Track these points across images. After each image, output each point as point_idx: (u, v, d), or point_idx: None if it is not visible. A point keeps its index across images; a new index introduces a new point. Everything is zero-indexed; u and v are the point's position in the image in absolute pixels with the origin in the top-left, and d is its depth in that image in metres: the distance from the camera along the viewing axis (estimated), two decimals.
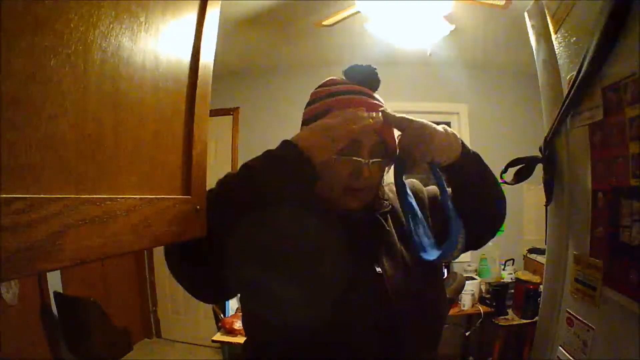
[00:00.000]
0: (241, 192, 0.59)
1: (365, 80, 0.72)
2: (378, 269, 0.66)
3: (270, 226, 0.63)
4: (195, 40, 0.60)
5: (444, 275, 0.77)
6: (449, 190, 0.74)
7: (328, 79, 0.77)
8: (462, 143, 0.70)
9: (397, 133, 0.71)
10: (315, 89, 0.76)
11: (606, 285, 0.69)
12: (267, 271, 0.62)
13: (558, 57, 0.88)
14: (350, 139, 0.62)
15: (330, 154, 0.60)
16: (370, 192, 0.71)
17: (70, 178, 0.38)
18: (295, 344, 0.61)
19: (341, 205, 0.69)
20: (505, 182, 0.96)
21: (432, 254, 0.66)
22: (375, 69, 0.73)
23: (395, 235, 0.73)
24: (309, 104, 0.74)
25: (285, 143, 0.61)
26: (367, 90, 0.71)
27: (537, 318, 1.02)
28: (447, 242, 0.65)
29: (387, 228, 0.72)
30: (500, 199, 0.75)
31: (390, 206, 0.75)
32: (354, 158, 0.66)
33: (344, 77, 0.75)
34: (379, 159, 0.68)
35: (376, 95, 0.73)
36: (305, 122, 0.73)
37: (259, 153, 0.63)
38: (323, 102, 0.71)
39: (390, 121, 0.67)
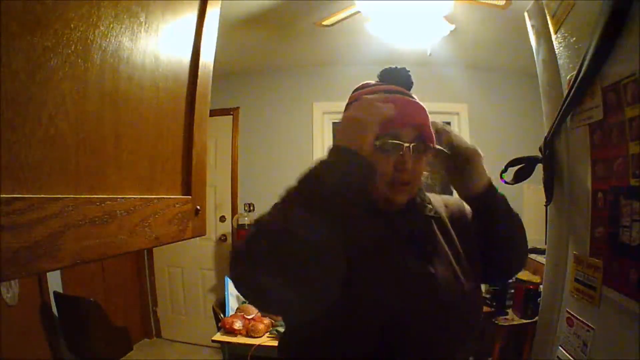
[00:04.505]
0: (307, 198, 0.56)
1: (399, 81, 0.75)
2: (431, 270, 0.68)
3: (337, 232, 0.58)
4: (195, 40, 0.60)
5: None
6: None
7: (364, 82, 0.79)
8: (491, 182, 0.76)
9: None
10: (353, 92, 0.78)
11: (606, 285, 0.69)
12: (332, 274, 0.58)
13: (558, 57, 0.88)
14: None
15: (369, 141, 0.59)
16: (414, 186, 0.72)
17: (70, 178, 0.38)
18: (344, 342, 0.62)
19: (388, 200, 0.70)
20: (506, 182, 0.96)
21: None
22: (408, 70, 0.77)
23: (440, 237, 0.75)
24: (347, 106, 0.76)
25: (331, 149, 0.60)
26: (403, 90, 0.74)
27: (537, 318, 1.02)
28: None
29: (434, 230, 0.75)
30: (521, 246, 0.80)
31: (434, 211, 0.77)
32: (395, 141, 0.67)
33: (377, 79, 0.78)
34: (419, 143, 0.69)
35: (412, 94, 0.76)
36: None
37: (259, 153, 0.63)
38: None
39: (440, 132, 0.74)
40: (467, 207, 0.82)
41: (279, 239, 0.53)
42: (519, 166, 0.97)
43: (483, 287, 2.71)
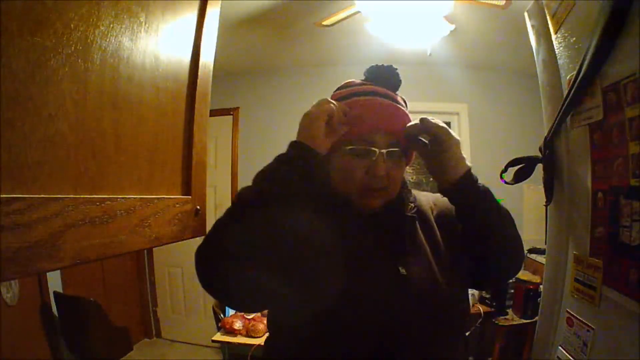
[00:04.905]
0: (257, 194, 0.60)
1: (384, 79, 0.73)
2: (402, 270, 0.65)
3: (294, 228, 0.63)
4: (195, 40, 0.60)
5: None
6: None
7: (346, 81, 0.77)
8: (470, 170, 0.69)
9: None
10: (334, 91, 0.77)
11: (606, 285, 0.69)
12: (290, 271, 0.61)
13: (558, 57, 0.87)
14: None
15: (318, 134, 0.62)
16: (389, 191, 0.70)
17: (70, 178, 0.38)
18: (316, 343, 0.61)
19: (361, 205, 0.68)
20: (506, 182, 0.96)
21: None
22: (395, 68, 0.74)
23: (422, 237, 0.72)
24: None
25: (289, 144, 0.64)
26: (381, 90, 0.71)
27: (537, 318, 1.02)
28: None
29: (414, 230, 0.72)
30: (511, 247, 0.72)
31: (416, 208, 0.74)
32: (365, 147, 0.66)
33: (364, 77, 0.76)
34: (394, 149, 0.68)
35: (396, 94, 0.74)
36: None
37: (259, 153, 0.65)
38: None
39: (428, 128, 0.68)
40: None
41: (233, 231, 0.57)
42: (519, 166, 0.97)
43: None
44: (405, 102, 0.76)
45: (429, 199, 0.81)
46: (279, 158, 0.62)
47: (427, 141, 0.71)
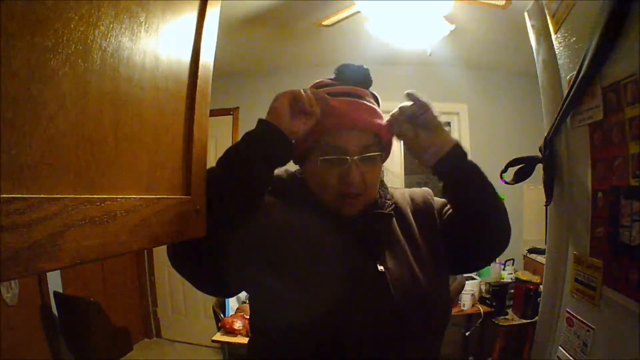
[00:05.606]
0: (223, 170, 0.63)
1: (356, 80, 0.72)
2: (380, 268, 0.66)
3: (269, 226, 0.65)
4: (195, 40, 0.60)
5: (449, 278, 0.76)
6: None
7: (317, 81, 0.77)
8: (459, 143, 0.68)
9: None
10: None
11: (606, 285, 0.69)
12: (265, 270, 0.63)
13: (558, 57, 0.88)
14: (291, 98, 0.65)
15: (282, 114, 0.63)
16: (367, 196, 0.69)
17: (70, 178, 0.38)
18: (297, 343, 0.62)
19: (339, 212, 0.69)
20: (506, 182, 0.96)
21: None
22: (366, 68, 0.73)
23: (400, 234, 0.72)
24: None
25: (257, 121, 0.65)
26: (350, 89, 0.70)
27: (537, 318, 1.02)
28: None
29: (391, 227, 0.72)
30: (499, 223, 0.71)
31: (394, 205, 0.74)
32: (339, 157, 0.66)
33: (333, 76, 0.76)
34: (369, 154, 0.67)
35: (367, 92, 0.72)
36: None
37: None
38: None
39: (416, 99, 0.66)
40: (433, 198, 0.80)
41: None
42: (519, 166, 0.97)
43: (483, 287, 2.71)
44: (376, 98, 0.75)
45: (405, 194, 0.80)
46: (247, 133, 0.64)
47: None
